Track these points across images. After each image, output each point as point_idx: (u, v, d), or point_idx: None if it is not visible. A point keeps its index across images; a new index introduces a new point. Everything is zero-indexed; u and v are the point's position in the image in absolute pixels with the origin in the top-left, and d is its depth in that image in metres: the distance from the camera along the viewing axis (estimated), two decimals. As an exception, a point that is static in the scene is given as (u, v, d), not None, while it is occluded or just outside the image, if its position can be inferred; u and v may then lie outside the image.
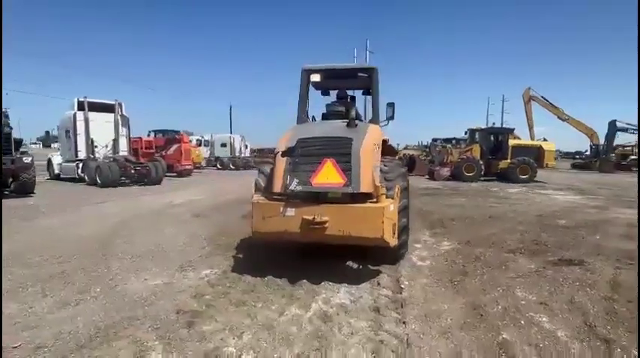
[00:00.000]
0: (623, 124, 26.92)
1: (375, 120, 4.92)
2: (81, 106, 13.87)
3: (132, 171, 13.81)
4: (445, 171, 17.58)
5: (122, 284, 3.74)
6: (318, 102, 5.85)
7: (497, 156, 17.71)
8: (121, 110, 14.80)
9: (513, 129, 20.15)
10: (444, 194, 11.95)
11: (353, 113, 5.00)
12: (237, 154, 28.47)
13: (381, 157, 4.29)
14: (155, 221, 7.01)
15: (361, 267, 4.28)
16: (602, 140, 27.93)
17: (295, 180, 3.65)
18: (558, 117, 28.58)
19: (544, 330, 2.83)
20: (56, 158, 15.43)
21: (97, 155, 14.11)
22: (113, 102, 14.62)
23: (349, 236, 3.46)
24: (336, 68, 5.14)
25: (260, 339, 2.67)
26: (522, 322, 2.96)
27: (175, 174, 18.44)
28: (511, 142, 17.98)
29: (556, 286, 3.73)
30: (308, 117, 5.24)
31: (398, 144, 26.45)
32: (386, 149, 4.67)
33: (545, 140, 21.07)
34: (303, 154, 3.82)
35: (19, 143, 11.13)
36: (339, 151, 3.74)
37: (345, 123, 4.22)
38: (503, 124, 39.17)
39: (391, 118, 4.97)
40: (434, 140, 30.39)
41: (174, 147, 19.55)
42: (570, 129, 28.93)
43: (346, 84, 5.54)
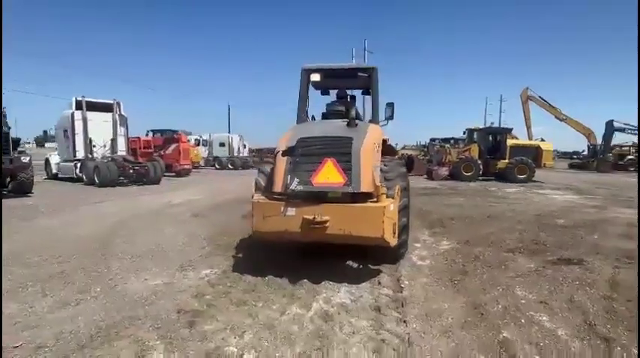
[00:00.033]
0: (620, 124, 27.05)
1: (375, 119, 4.93)
2: (79, 106, 13.82)
3: (130, 170, 13.76)
4: (443, 170, 17.63)
5: (122, 284, 3.73)
6: (317, 102, 5.87)
7: (495, 155, 17.77)
8: (119, 109, 14.77)
9: (511, 129, 20.22)
10: (443, 193, 11.98)
11: (353, 113, 5.00)
12: (235, 154, 28.43)
13: (381, 157, 4.29)
14: (154, 221, 7.00)
15: (361, 267, 4.28)
16: (599, 140, 28.07)
17: (296, 180, 3.65)
18: (556, 117, 28.74)
19: (544, 329, 2.84)
20: (54, 157, 15.35)
21: (95, 155, 14.06)
22: (111, 101, 14.59)
23: (350, 235, 3.46)
24: (336, 68, 5.15)
25: (261, 339, 2.67)
26: (522, 321, 2.97)
27: (174, 173, 18.37)
28: (509, 142, 18.05)
29: (556, 285, 3.74)
30: (308, 116, 5.25)
31: (396, 144, 26.45)
32: (386, 149, 4.68)
33: (542, 140, 21.16)
34: (303, 154, 3.81)
35: (17, 142, 11.08)
36: (340, 151, 3.74)
37: (345, 122, 4.22)
38: (501, 124, 39.32)
39: (390, 118, 4.98)
40: (432, 140, 30.48)
41: (172, 146, 19.52)
42: (568, 129, 29.12)
43: (346, 83, 5.55)
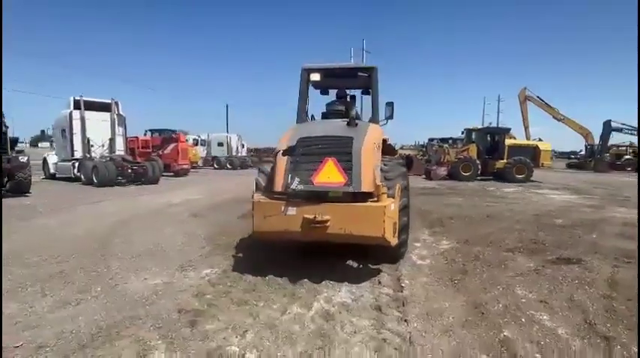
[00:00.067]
0: (617, 124, 27.19)
1: (375, 119, 4.93)
2: (77, 105, 13.76)
3: (129, 170, 13.72)
4: (442, 170, 17.66)
5: (122, 283, 3.72)
6: (316, 102, 5.86)
7: (493, 155, 17.82)
8: (118, 109, 14.72)
9: (510, 129, 20.27)
10: (442, 193, 12.00)
11: (353, 112, 5.01)
12: (234, 154, 28.42)
13: (382, 156, 4.30)
14: (153, 220, 6.98)
15: (361, 266, 4.29)
16: (597, 140, 28.20)
17: (296, 179, 3.65)
18: (554, 117, 28.87)
19: (545, 328, 2.85)
20: (51, 157, 15.29)
21: (94, 154, 14.02)
22: (109, 101, 14.54)
23: (350, 235, 3.46)
24: (336, 67, 5.15)
25: (263, 338, 2.67)
26: (523, 320, 2.98)
27: (172, 173, 18.33)
28: (507, 142, 18.09)
29: (555, 284, 3.76)
30: (307, 116, 5.25)
31: (395, 143, 26.46)
32: (386, 148, 4.68)
33: (540, 140, 21.26)
34: (304, 153, 3.81)
35: (15, 142, 11.04)
36: (340, 150, 3.74)
37: (346, 122, 4.22)
38: (498, 124, 39.40)
39: (390, 118, 4.99)
40: (430, 140, 30.58)
41: (171, 146, 19.46)
42: (565, 129, 29.27)
43: (346, 83, 5.55)
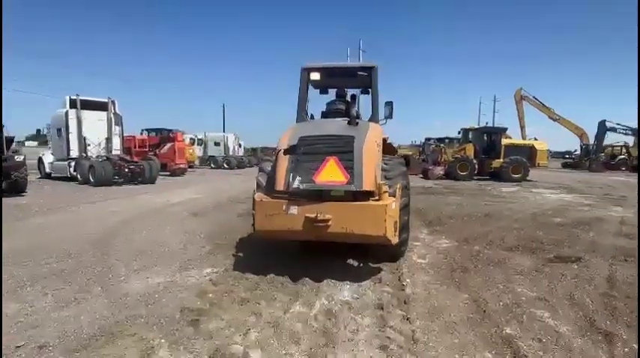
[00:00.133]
0: (612, 124, 27.42)
1: (375, 118, 4.94)
2: (73, 104, 13.68)
3: (126, 170, 13.65)
4: (439, 170, 17.73)
5: (124, 282, 3.71)
6: (316, 101, 5.87)
7: (490, 155, 17.91)
8: (114, 108, 14.62)
9: (506, 128, 20.41)
10: (440, 193, 12.05)
11: (353, 111, 5.01)
12: (230, 153, 28.34)
13: (382, 155, 4.31)
14: (153, 220, 6.95)
15: (362, 265, 4.30)
16: (591, 140, 28.41)
17: (298, 178, 3.65)
18: (549, 117, 29.07)
19: (546, 325, 2.88)
20: (47, 156, 15.19)
21: (90, 154, 13.93)
22: (106, 100, 14.44)
23: (352, 233, 3.47)
24: (336, 67, 5.16)
25: (266, 337, 2.67)
26: (524, 317, 3.00)
27: (169, 173, 18.24)
28: (504, 142, 18.22)
29: (555, 282, 3.79)
30: (307, 115, 5.25)
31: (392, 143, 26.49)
32: (386, 147, 4.70)
33: (535, 139, 21.37)
34: (305, 152, 3.81)
35: (11, 141, 10.94)
36: (342, 149, 3.74)
37: (346, 121, 4.23)
38: (495, 124, 39.58)
39: (389, 117, 5.00)
40: (427, 139, 30.61)
41: (168, 145, 19.39)
42: (560, 128, 29.49)
43: (346, 82, 5.56)
